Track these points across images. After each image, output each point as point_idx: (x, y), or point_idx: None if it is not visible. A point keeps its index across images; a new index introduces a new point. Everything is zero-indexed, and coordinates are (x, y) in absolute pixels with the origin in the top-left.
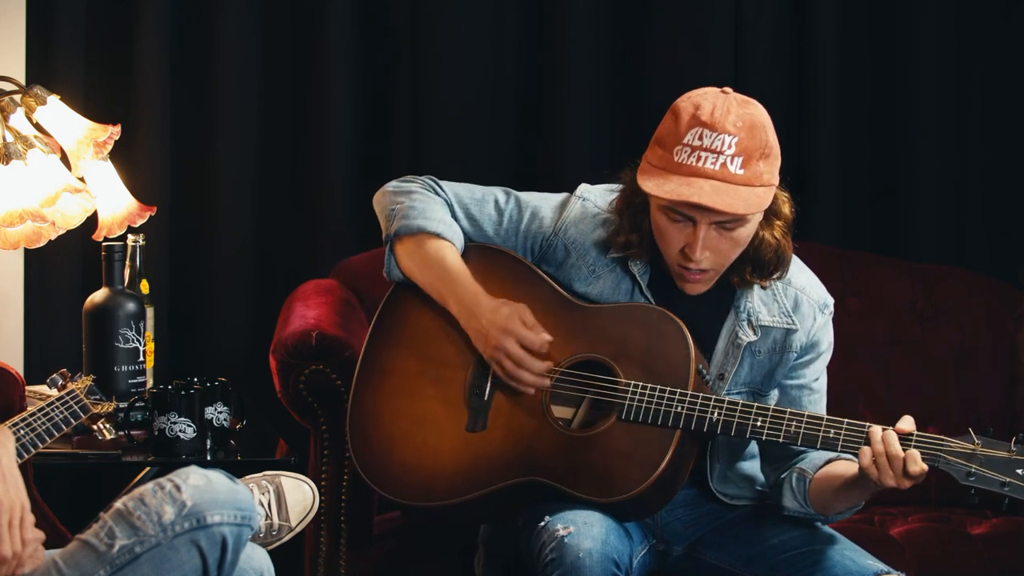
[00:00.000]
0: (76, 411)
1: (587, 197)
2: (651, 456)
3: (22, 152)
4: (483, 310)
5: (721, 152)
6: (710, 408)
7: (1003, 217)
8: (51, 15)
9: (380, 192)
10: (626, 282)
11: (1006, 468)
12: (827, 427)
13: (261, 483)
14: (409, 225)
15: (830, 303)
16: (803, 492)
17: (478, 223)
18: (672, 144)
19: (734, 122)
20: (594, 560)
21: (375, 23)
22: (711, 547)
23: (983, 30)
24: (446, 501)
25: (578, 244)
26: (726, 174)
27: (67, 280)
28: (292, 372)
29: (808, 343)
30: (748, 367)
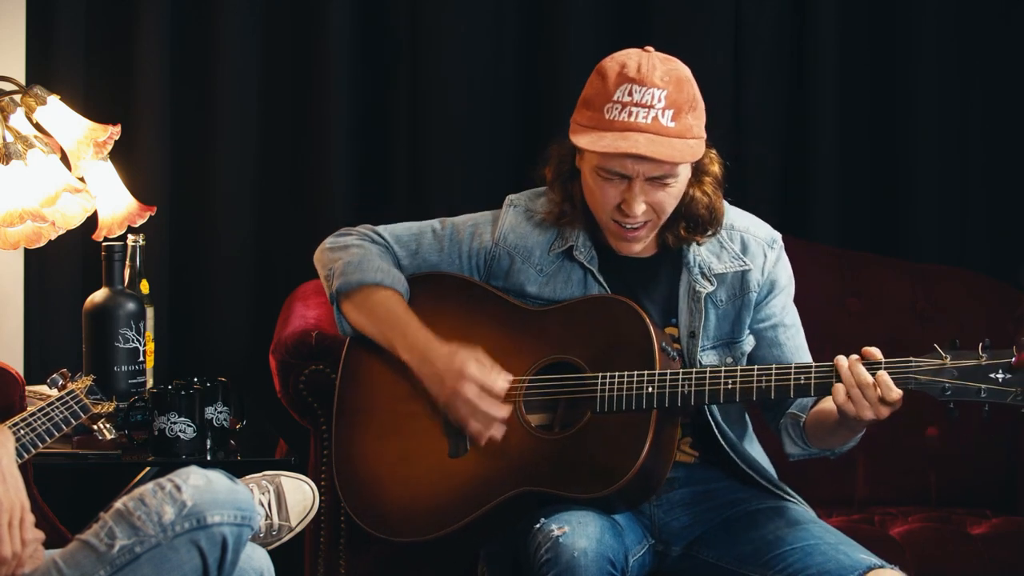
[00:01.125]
0: (76, 411)
1: (516, 203)
2: (633, 442)
3: (22, 152)
4: (435, 355)
5: (652, 106)
6: (679, 382)
7: (1003, 217)
8: (51, 15)
9: (318, 251)
10: (577, 272)
11: (979, 375)
12: (796, 374)
13: (261, 483)
14: (349, 281)
15: (777, 237)
16: (800, 435)
17: (422, 256)
18: (601, 103)
19: (661, 76)
20: (589, 559)
21: (375, 23)
22: (709, 546)
23: (983, 30)
24: (442, 531)
25: (520, 248)
26: (658, 127)
27: (67, 280)
28: (292, 372)
29: (765, 280)
30: (714, 319)
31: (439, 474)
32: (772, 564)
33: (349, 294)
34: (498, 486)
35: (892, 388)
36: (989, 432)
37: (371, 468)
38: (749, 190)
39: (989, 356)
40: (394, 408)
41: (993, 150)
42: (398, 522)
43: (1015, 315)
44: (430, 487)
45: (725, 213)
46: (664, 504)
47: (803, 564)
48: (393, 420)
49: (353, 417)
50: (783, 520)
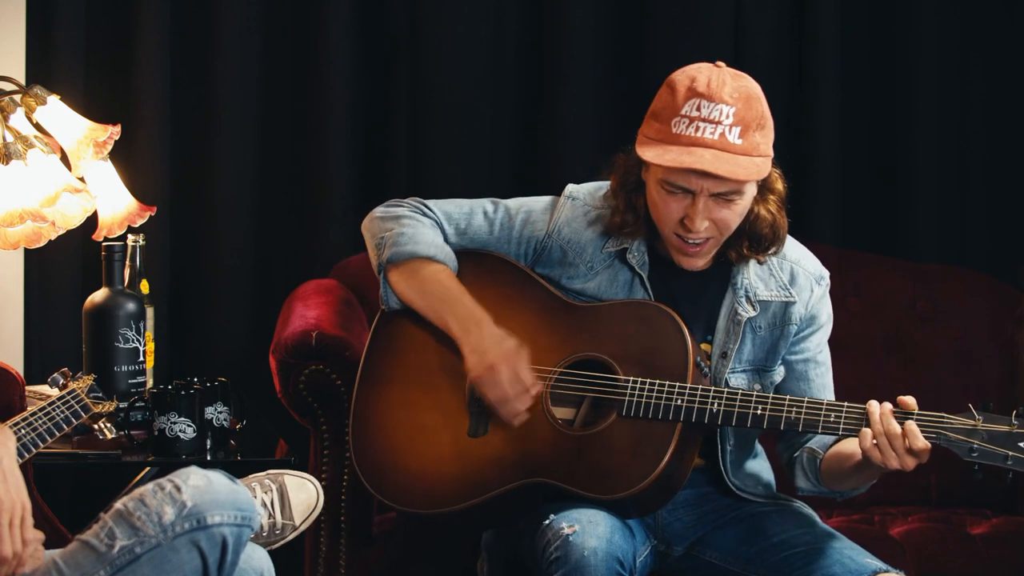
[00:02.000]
0: (77, 410)
1: (576, 196)
2: (653, 451)
3: (22, 152)
4: (487, 331)
5: (719, 122)
6: (710, 399)
7: (1003, 217)
8: (51, 15)
9: (368, 219)
10: (624, 273)
11: (1008, 442)
12: (827, 412)
13: (264, 482)
14: (400, 252)
15: (826, 275)
16: (815, 472)
17: (469, 236)
18: (669, 116)
19: (730, 93)
20: (599, 559)
21: (375, 23)
22: (711, 547)
23: (984, 29)
24: (451, 507)
25: (573, 243)
26: (725, 143)
27: (67, 280)
28: (292, 372)
29: (807, 315)
30: (750, 344)
31: (456, 451)
32: (776, 567)
33: (399, 264)
34: (512, 472)
35: (919, 437)
36: None
37: (388, 435)
38: None
39: (1020, 424)
40: (420, 379)
41: (993, 150)
42: (408, 492)
43: (1015, 315)
44: (444, 463)
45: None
46: (668, 504)
47: (808, 568)
48: (417, 391)
49: (377, 383)
50: (787, 523)
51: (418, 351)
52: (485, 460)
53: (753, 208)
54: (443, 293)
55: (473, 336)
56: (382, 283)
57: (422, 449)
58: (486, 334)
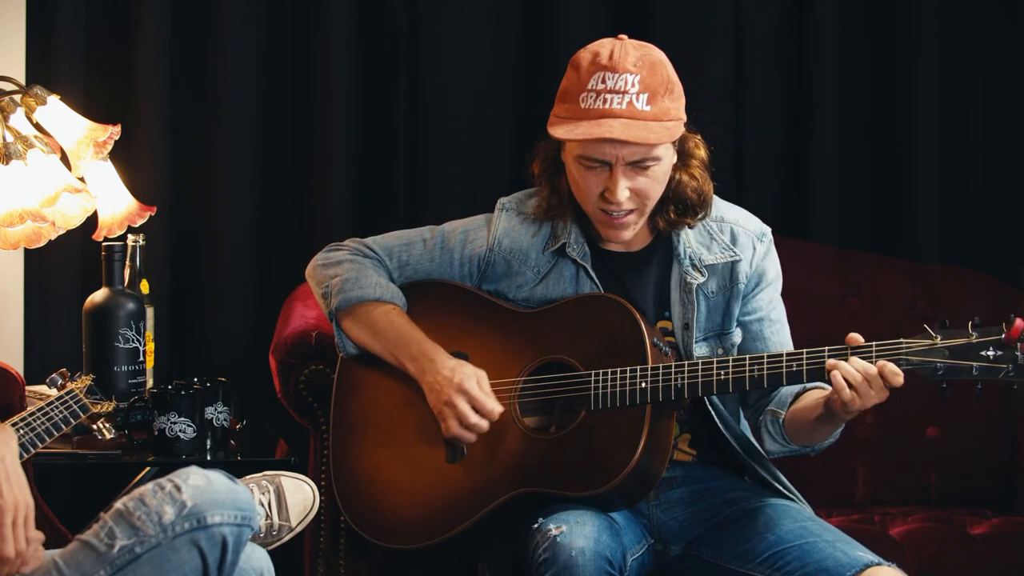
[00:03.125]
0: (75, 410)
1: (508, 206)
2: (628, 438)
3: (22, 152)
4: (440, 366)
5: (626, 92)
6: (672, 375)
7: (1003, 217)
8: (51, 15)
9: (310, 268)
10: (569, 268)
11: (971, 353)
12: (788, 362)
13: (261, 483)
14: (348, 298)
15: (767, 231)
16: (780, 432)
17: (412, 267)
18: (577, 93)
19: (634, 62)
20: (587, 558)
21: (375, 23)
22: (707, 545)
23: (984, 29)
24: (444, 536)
25: (515, 251)
26: (633, 111)
27: (67, 280)
28: (292, 372)
29: (753, 273)
30: (706, 310)
31: (438, 480)
32: (771, 562)
33: (349, 311)
34: (496, 489)
35: (898, 373)
36: (989, 432)
37: (370, 477)
38: (749, 190)
39: (980, 334)
40: (391, 417)
41: (993, 150)
42: (398, 529)
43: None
44: (429, 493)
45: (715, 205)
46: (662, 503)
47: (801, 562)
48: (391, 429)
49: (351, 428)
50: (782, 518)
51: (383, 392)
52: (468, 483)
53: (674, 175)
54: (395, 335)
55: (429, 374)
56: (336, 331)
57: (405, 485)
58: (440, 368)
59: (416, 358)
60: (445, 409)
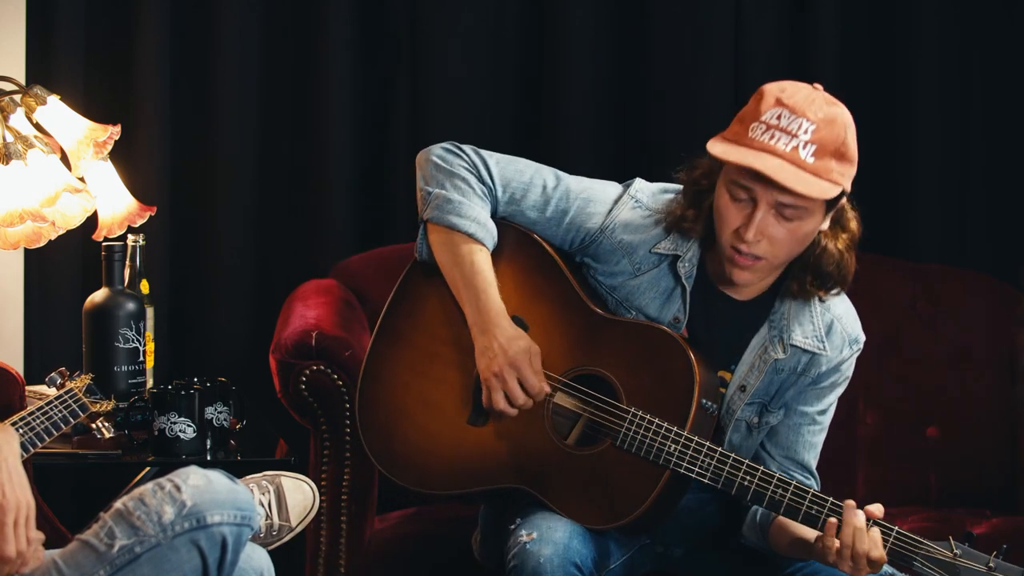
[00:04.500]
0: (75, 410)
1: (639, 198)
2: (638, 492)
3: (22, 152)
4: (498, 332)
5: (796, 135)
6: (702, 455)
7: (1004, 217)
8: (51, 15)
9: (422, 158)
10: (668, 280)
11: None
12: (810, 504)
13: (261, 483)
14: (442, 219)
15: (861, 339)
16: (763, 530)
17: (522, 208)
18: (750, 120)
19: (816, 111)
20: (554, 565)
21: (375, 23)
22: (712, 548)
23: (985, 29)
24: (438, 492)
25: (625, 244)
26: (795, 157)
27: (67, 280)
28: (292, 372)
29: (827, 371)
30: (768, 382)
31: (452, 435)
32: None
33: (439, 228)
34: (500, 474)
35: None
36: (989, 432)
37: (395, 397)
38: None
39: (997, 566)
40: (434, 349)
41: (993, 150)
42: (399, 465)
43: (1015, 315)
44: (439, 444)
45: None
46: None
47: (812, 568)
48: (428, 360)
49: (393, 340)
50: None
51: (439, 319)
52: (479, 453)
53: (821, 241)
54: (471, 278)
55: (487, 335)
56: (420, 233)
57: (422, 422)
58: (499, 336)
59: (481, 311)
60: (493, 380)
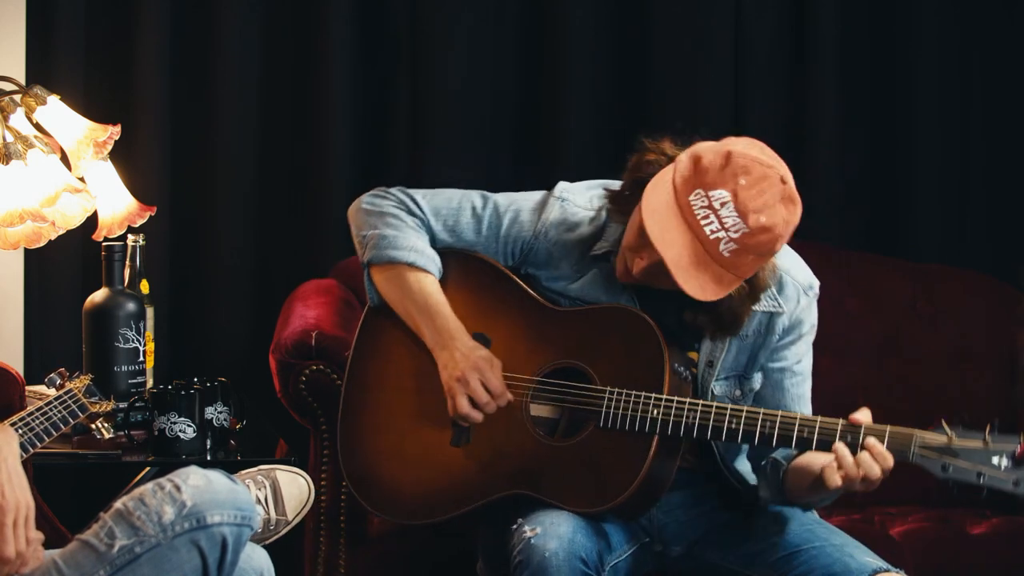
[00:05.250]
0: (74, 410)
1: (566, 197)
2: (631, 463)
3: (22, 152)
4: (458, 344)
5: (726, 230)
6: (685, 411)
7: (1004, 217)
8: (51, 15)
9: (353, 208)
10: (612, 276)
11: (981, 458)
12: (800, 426)
13: (257, 478)
14: (381, 255)
15: (815, 284)
16: (777, 483)
17: (457, 233)
18: (697, 183)
19: (758, 218)
20: (560, 559)
21: (375, 23)
22: (711, 546)
23: (985, 29)
24: (435, 519)
25: (560, 245)
26: (712, 248)
27: (67, 280)
28: (292, 372)
29: (790, 324)
30: (735, 351)
31: (438, 460)
32: (778, 566)
33: (381, 267)
34: (494, 484)
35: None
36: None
37: (374, 439)
38: None
39: (995, 440)
40: (406, 384)
41: (993, 150)
42: (393, 501)
43: (1015, 315)
44: (428, 472)
45: None
46: (663, 505)
47: (809, 567)
48: (403, 395)
49: (364, 386)
50: (788, 520)
51: (403, 355)
52: (468, 472)
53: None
54: (422, 303)
55: (446, 350)
56: (366, 279)
57: (407, 456)
58: (458, 347)
59: (438, 331)
60: (456, 385)
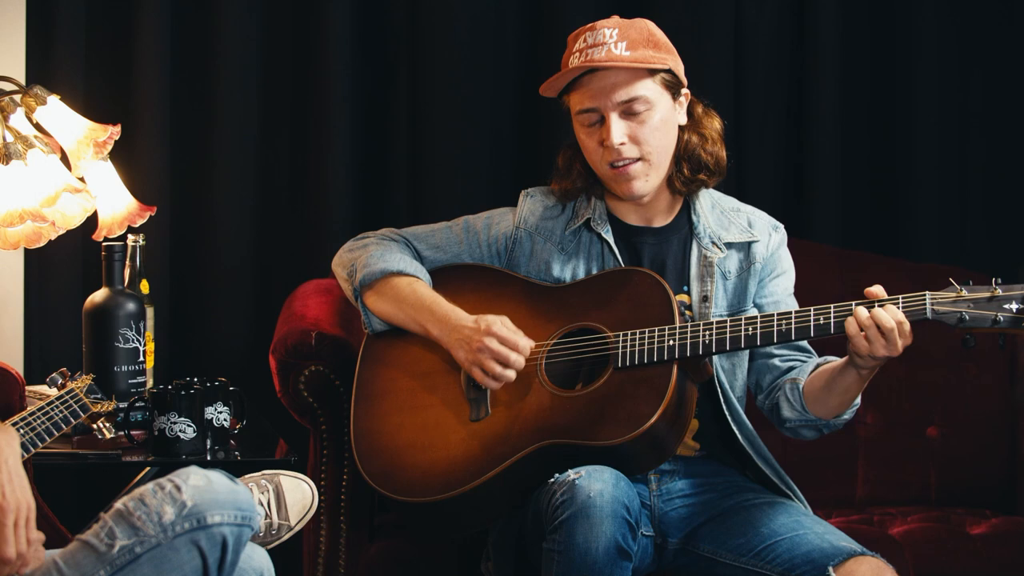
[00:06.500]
0: (75, 410)
1: (532, 193)
2: (655, 389)
3: (22, 152)
4: (463, 323)
5: (604, 43)
6: (700, 331)
7: (1003, 217)
8: (51, 15)
9: (337, 256)
10: (595, 245)
11: (993, 305)
12: (816, 315)
13: (260, 482)
14: (371, 272)
15: (780, 225)
16: (798, 398)
17: (442, 248)
18: (566, 60)
19: (616, 23)
20: (604, 500)
21: (375, 23)
22: (705, 539)
23: (984, 29)
24: (467, 485)
25: (541, 228)
26: (611, 55)
27: (67, 280)
28: (292, 372)
29: (769, 257)
30: (723, 290)
31: (463, 436)
32: (763, 555)
33: (373, 285)
34: (521, 441)
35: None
36: (989, 432)
37: (393, 440)
38: (749, 190)
39: (1003, 288)
40: (414, 385)
41: (993, 150)
42: (422, 484)
43: None
44: (455, 448)
45: (729, 200)
46: (663, 494)
47: (791, 553)
48: (414, 395)
49: (372, 397)
50: (778, 513)
51: (408, 362)
52: (493, 438)
53: (683, 135)
54: (418, 301)
55: (455, 332)
56: (361, 309)
57: (429, 443)
58: (464, 322)
59: (440, 320)
60: (479, 355)
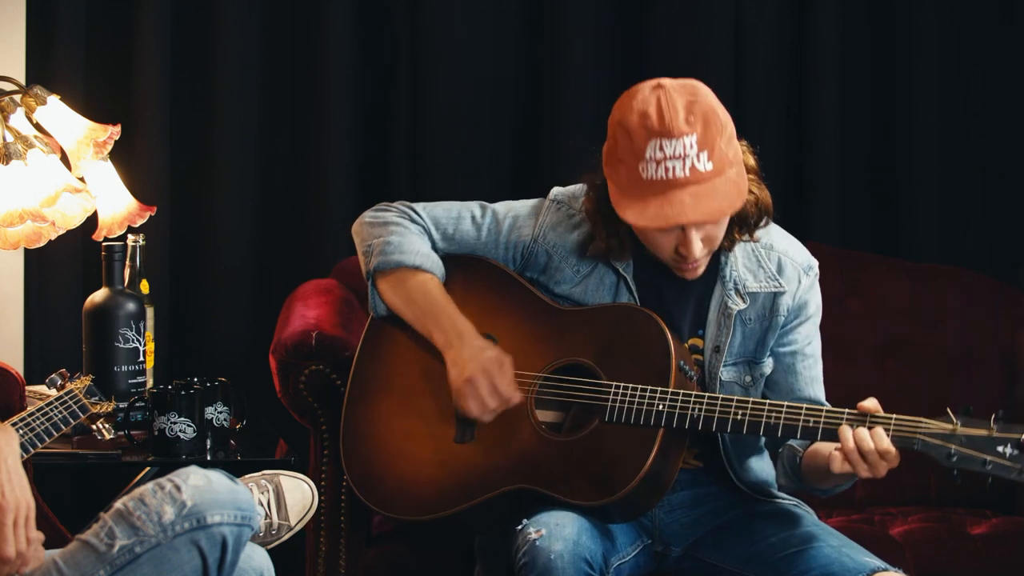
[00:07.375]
0: (75, 411)
1: (560, 200)
2: (636, 456)
3: (22, 152)
4: (466, 342)
5: (686, 156)
6: (691, 404)
7: (1003, 217)
8: (51, 15)
9: (357, 223)
10: (610, 276)
11: (987, 446)
12: (806, 417)
13: (260, 482)
14: (387, 261)
15: (814, 265)
16: (795, 469)
17: (457, 241)
18: (635, 162)
19: (685, 118)
20: (565, 561)
21: (375, 24)
22: (710, 547)
23: (984, 29)
24: (437, 514)
25: (559, 247)
26: (697, 175)
27: (67, 280)
28: (292, 372)
29: (795, 306)
30: (741, 336)
31: (442, 457)
32: (776, 567)
33: (386, 273)
34: (498, 479)
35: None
36: None
37: (378, 442)
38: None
39: (1000, 428)
40: (410, 386)
41: (993, 150)
42: (396, 500)
43: (1015, 315)
44: (433, 469)
45: (767, 232)
46: (665, 505)
47: (807, 567)
48: (407, 398)
49: (367, 392)
50: (786, 522)
51: (407, 359)
52: (471, 467)
53: None
54: (428, 304)
55: (455, 349)
56: (370, 290)
57: (410, 454)
58: (467, 346)
59: (445, 330)
60: (465, 387)
